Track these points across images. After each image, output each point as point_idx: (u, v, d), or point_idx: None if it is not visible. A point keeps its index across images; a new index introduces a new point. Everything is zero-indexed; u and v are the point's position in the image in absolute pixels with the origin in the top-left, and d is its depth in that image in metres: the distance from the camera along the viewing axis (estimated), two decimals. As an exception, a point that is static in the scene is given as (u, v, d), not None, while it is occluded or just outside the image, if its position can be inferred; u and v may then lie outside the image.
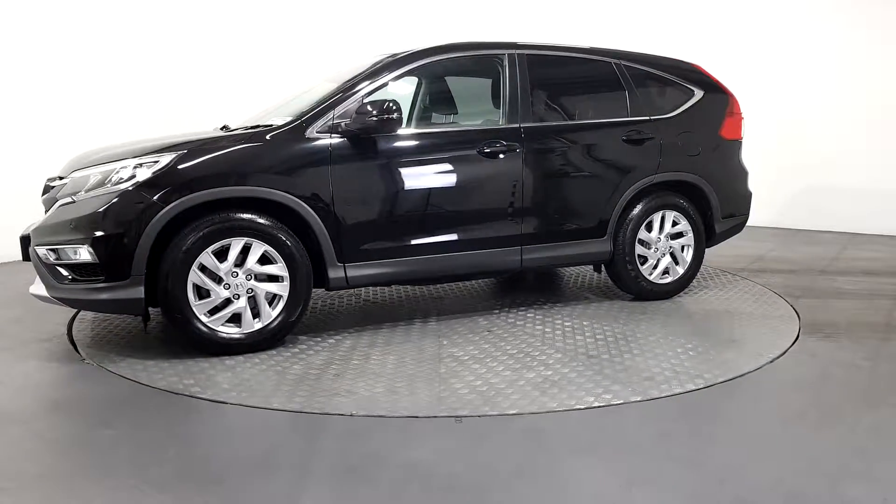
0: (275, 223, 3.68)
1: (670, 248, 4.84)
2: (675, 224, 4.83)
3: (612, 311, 4.58)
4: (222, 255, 3.61)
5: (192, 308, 3.56)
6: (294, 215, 3.74)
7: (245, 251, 3.64)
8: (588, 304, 4.76)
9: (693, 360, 3.67)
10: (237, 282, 3.64)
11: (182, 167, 3.55)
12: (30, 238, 3.70)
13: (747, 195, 5.19)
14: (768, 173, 7.17)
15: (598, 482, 2.48)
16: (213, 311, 3.62)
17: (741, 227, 5.22)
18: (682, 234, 4.86)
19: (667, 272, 4.84)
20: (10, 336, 4.11)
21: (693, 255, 4.90)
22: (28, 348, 3.89)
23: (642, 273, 4.75)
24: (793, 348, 3.89)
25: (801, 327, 4.26)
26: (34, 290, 3.75)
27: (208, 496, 2.37)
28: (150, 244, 3.47)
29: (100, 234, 3.45)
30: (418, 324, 4.31)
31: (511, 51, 4.44)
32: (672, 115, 4.83)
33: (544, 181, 4.41)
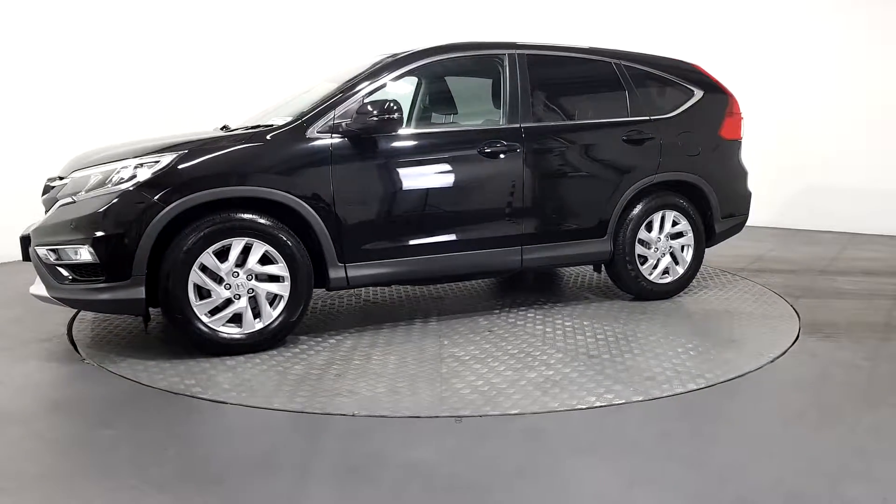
0: (275, 223, 3.68)
1: (670, 248, 4.85)
2: (674, 224, 4.83)
3: (613, 311, 4.58)
4: (223, 256, 3.60)
5: (193, 308, 3.56)
6: (295, 215, 3.74)
7: (246, 251, 3.64)
8: (588, 304, 4.76)
9: (694, 359, 3.67)
10: (238, 282, 3.63)
11: (183, 167, 3.55)
12: (30, 238, 3.70)
13: (747, 195, 5.20)
14: (768, 173, 7.18)
15: (599, 482, 2.48)
16: (214, 311, 3.62)
17: (741, 227, 5.23)
18: (681, 234, 4.87)
19: (667, 272, 4.85)
20: (10, 336, 4.11)
21: (693, 254, 4.90)
22: (28, 348, 3.89)
23: (642, 273, 4.75)
24: (793, 348, 3.89)
25: (801, 327, 4.26)
26: (34, 290, 3.75)
27: (208, 496, 2.36)
28: (151, 244, 3.47)
29: (100, 234, 3.45)
30: (419, 324, 4.31)
31: (511, 51, 4.44)
32: (672, 115, 4.83)
33: (545, 181, 4.41)
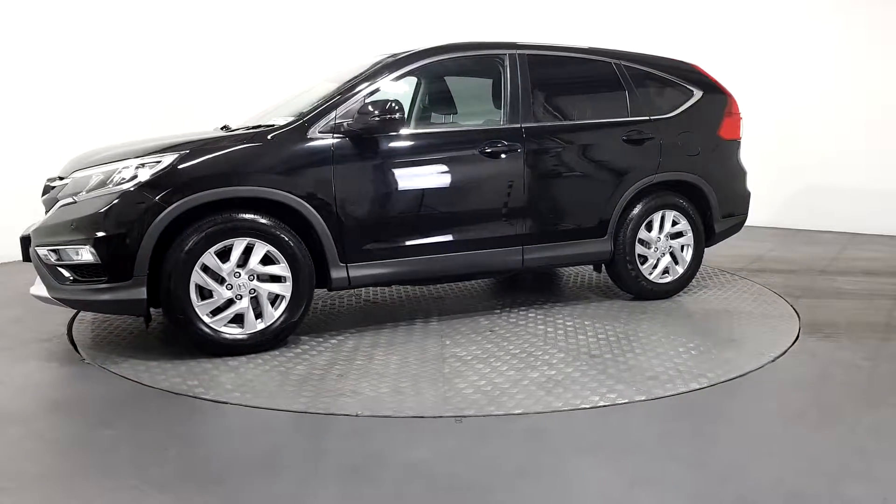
0: (277, 223, 3.67)
1: (670, 248, 4.86)
2: (674, 224, 4.84)
3: (613, 311, 4.58)
4: (225, 256, 3.60)
5: (195, 308, 3.55)
6: (296, 215, 3.74)
7: (247, 251, 3.64)
8: (588, 304, 4.77)
9: (695, 359, 3.68)
10: (240, 282, 3.63)
11: (184, 167, 3.55)
12: (30, 239, 3.69)
13: (746, 195, 5.21)
14: (768, 173, 7.19)
15: (601, 482, 2.48)
16: (216, 311, 3.62)
17: (740, 227, 5.24)
18: (681, 234, 4.87)
19: (667, 272, 4.85)
20: (10, 336, 4.11)
21: (693, 254, 4.91)
22: (28, 348, 3.89)
23: (642, 273, 4.76)
24: (793, 348, 3.90)
25: (801, 327, 4.27)
26: (35, 290, 3.73)
27: (209, 496, 2.36)
28: (153, 244, 3.46)
29: (102, 234, 3.44)
30: (420, 324, 4.31)
31: (511, 51, 4.44)
32: (672, 115, 4.84)
33: (545, 181, 4.41)
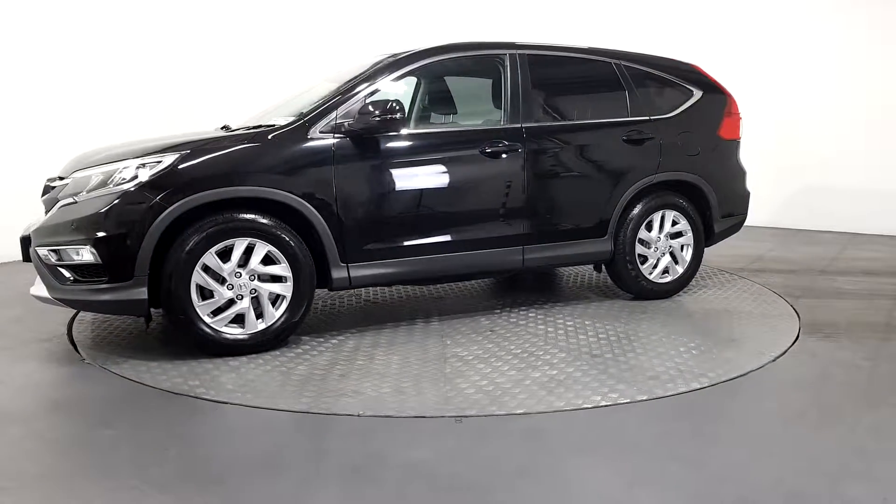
0: (278, 223, 3.67)
1: (670, 248, 4.86)
2: (674, 224, 4.84)
3: (613, 311, 4.59)
4: (226, 256, 3.60)
5: (196, 309, 3.55)
6: (297, 215, 3.74)
7: (248, 252, 3.64)
8: (588, 304, 4.77)
9: (696, 358, 3.68)
10: (240, 282, 3.63)
11: (185, 167, 3.55)
12: (30, 239, 3.69)
13: (745, 195, 5.21)
14: (768, 173, 7.19)
15: (601, 481, 2.48)
16: (217, 311, 3.62)
17: (739, 227, 5.25)
18: (681, 234, 4.88)
19: (666, 271, 4.86)
20: (10, 336, 4.11)
21: (692, 254, 4.92)
22: (28, 348, 3.88)
23: (642, 272, 4.76)
24: (793, 348, 3.90)
25: (801, 327, 4.27)
26: (35, 291, 3.73)
27: (209, 496, 2.36)
28: (154, 245, 3.46)
29: (102, 234, 3.44)
30: (420, 324, 4.31)
31: (512, 51, 4.44)
32: (671, 115, 4.84)
33: (546, 181, 4.41)
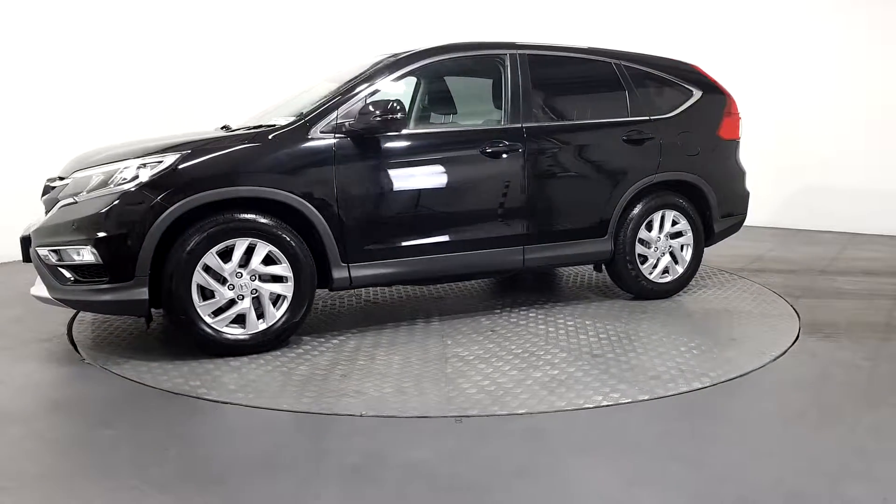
0: (279, 223, 3.67)
1: (670, 248, 4.86)
2: (674, 223, 4.85)
3: (614, 311, 4.59)
4: (226, 256, 3.60)
5: (197, 309, 3.55)
6: (298, 215, 3.74)
7: (249, 252, 3.64)
8: (589, 304, 4.77)
9: (697, 358, 3.69)
10: (241, 282, 3.63)
11: (185, 167, 3.54)
12: (30, 239, 3.68)
13: (745, 195, 5.22)
14: (767, 173, 7.20)
15: (602, 481, 2.49)
16: (218, 311, 3.61)
17: (739, 227, 5.26)
18: (681, 234, 4.88)
19: (666, 271, 4.86)
20: (10, 336, 4.11)
21: (692, 254, 4.92)
22: (28, 348, 3.88)
23: (642, 272, 4.76)
24: (793, 348, 3.90)
25: (800, 327, 4.28)
26: (35, 291, 3.73)
27: (210, 497, 2.36)
28: (155, 245, 3.46)
29: (103, 234, 3.44)
30: (421, 324, 4.31)
31: (512, 51, 4.44)
32: (671, 115, 4.85)
33: (546, 181, 4.42)
